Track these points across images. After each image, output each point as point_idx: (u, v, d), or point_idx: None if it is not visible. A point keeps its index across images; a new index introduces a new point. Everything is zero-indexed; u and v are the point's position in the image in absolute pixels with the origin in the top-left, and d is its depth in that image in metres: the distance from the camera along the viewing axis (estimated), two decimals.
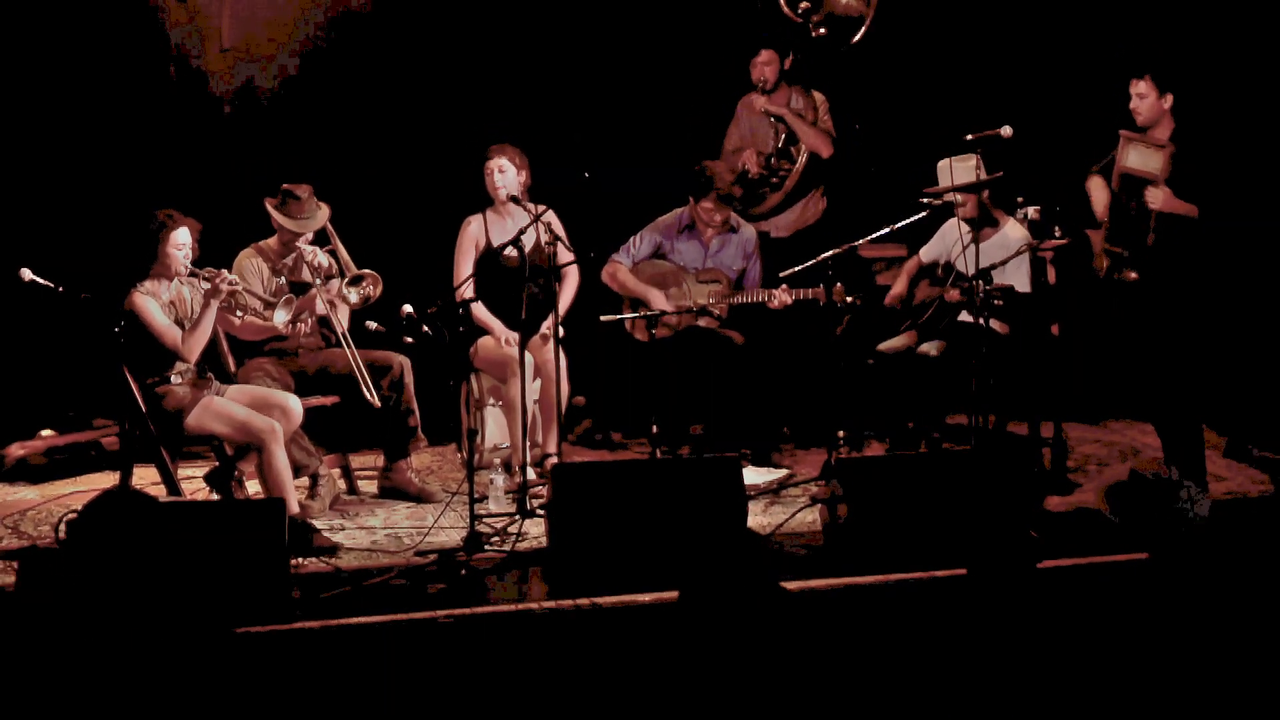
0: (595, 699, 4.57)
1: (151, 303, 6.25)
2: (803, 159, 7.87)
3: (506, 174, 7.08)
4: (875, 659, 4.80)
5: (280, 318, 6.44)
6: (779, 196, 7.93)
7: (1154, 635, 4.82)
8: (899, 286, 7.32)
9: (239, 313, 6.54)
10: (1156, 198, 6.24)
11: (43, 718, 4.53)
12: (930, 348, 6.99)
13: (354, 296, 6.71)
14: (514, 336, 6.97)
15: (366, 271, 6.71)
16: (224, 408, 6.25)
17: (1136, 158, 6.33)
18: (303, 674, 4.80)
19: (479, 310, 7.00)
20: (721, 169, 7.58)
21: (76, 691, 4.62)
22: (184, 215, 6.32)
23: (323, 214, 6.76)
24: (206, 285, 6.29)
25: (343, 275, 6.76)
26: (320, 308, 6.68)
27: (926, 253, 7.29)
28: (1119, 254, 6.38)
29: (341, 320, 6.68)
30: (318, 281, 6.67)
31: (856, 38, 7.68)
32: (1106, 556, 5.54)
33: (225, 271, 6.39)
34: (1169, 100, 6.29)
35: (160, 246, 6.24)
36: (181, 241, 6.28)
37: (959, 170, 6.82)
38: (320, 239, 6.84)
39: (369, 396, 6.56)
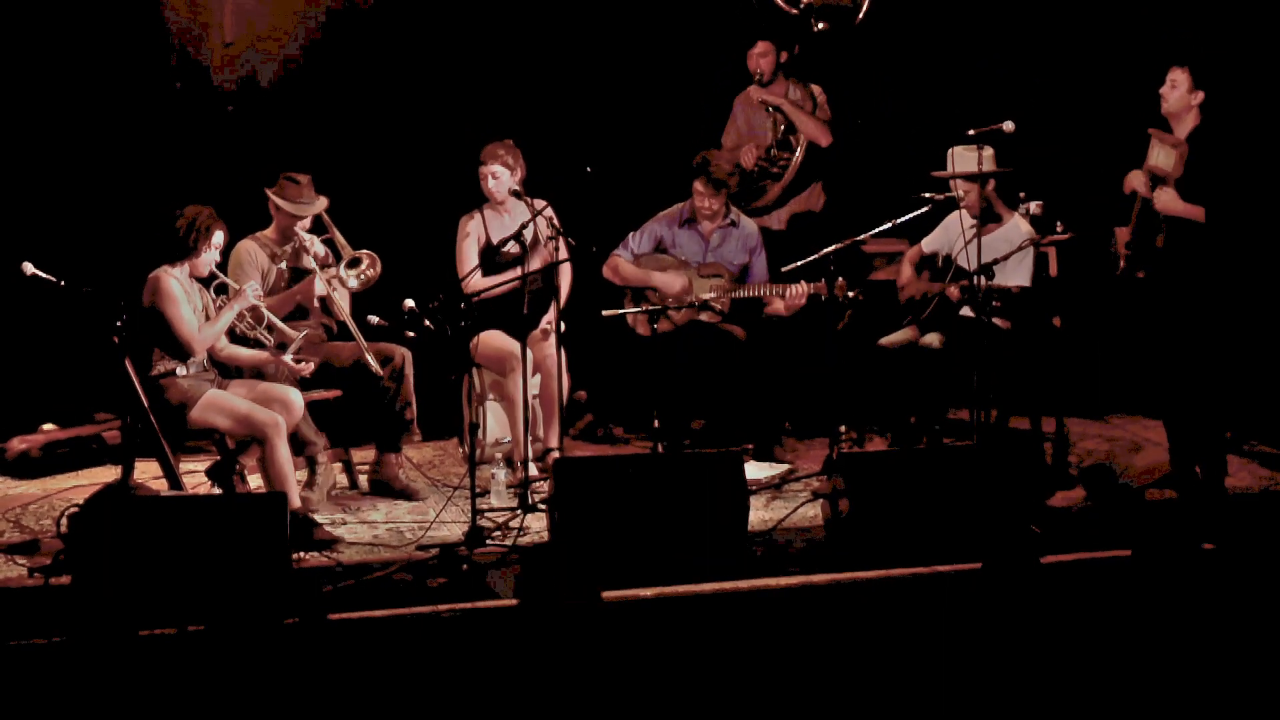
0: (596, 695, 4.57)
1: (178, 287, 6.26)
2: (801, 150, 7.87)
3: (500, 179, 7.08)
4: (876, 654, 4.81)
5: (290, 352, 6.44)
6: (779, 189, 7.93)
7: (1154, 631, 4.83)
8: (906, 275, 7.30)
9: (253, 329, 6.51)
10: (1160, 199, 6.23)
11: (40, 715, 4.54)
12: (932, 341, 6.98)
13: (353, 281, 6.73)
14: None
15: (363, 252, 6.73)
16: (226, 401, 6.25)
17: (1158, 155, 6.34)
18: (303, 669, 4.80)
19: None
20: (720, 157, 7.57)
21: (76, 687, 4.63)
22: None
23: (321, 201, 6.80)
24: (221, 296, 6.37)
25: (340, 261, 6.77)
26: (320, 288, 6.68)
27: (929, 243, 7.27)
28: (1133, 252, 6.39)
29: (343, 306, 6.69)
30: (317, 268, 6.70)
31: (855, 23, 7.69)
32: (1108, 552, 5.55)
33: (254, 283, 6.45)
34: (1199, 97, 6.27)
35: (200, 243, 6.27)
36: (218, 243, 6.34)
37: (970, 159, 6.78)
38: (317, 229, 6.85)
39: (373, 368, 6.56)
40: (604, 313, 7.23)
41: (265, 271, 6.76)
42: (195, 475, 6.69)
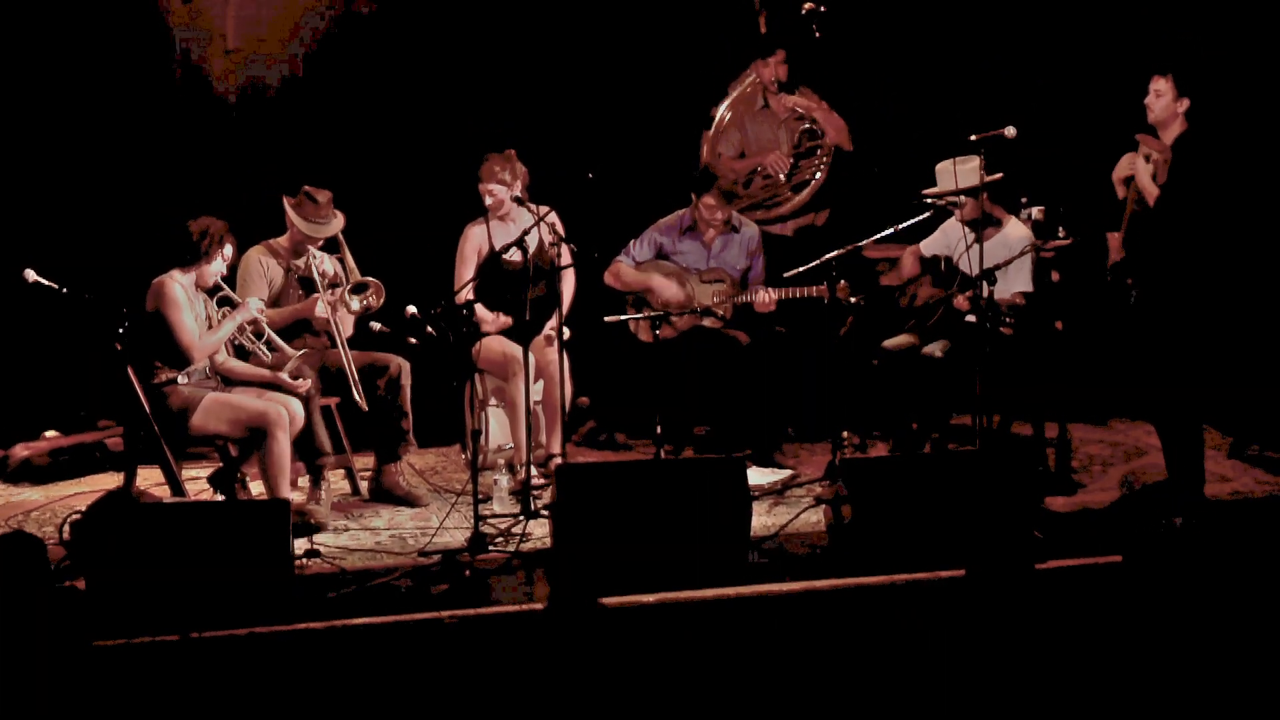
0: (598, 699, 4.57)
1: (182, 293, 6.27)
2: (828, 158, 7.90)
3: (498, 195, 7.03)
4: (879, 659, 4.80)
5: (287, 370, 6.44)
6: (798, 200, 7.95)
7: (1157, 634, 4.82)
8: (909, 267, 7.29)
9: (253, 343, 6.51)
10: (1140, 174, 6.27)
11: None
12: (935, 348, 6.98)
13: (355, 304, 6.74)
14: (504, 322, 6.98)
15: (371, 280, 6.73)
16: (228, 401, 6.26)
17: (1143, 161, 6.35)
18: (307, 674, 4.80)
19: (480, 310, 7.00)
20: (723, 167, 7.57)
21: (79, 690, 4.63)
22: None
23: (337, 222, 6.77)
24: (224, 308, 6.38)
25: (347, 283, 6.77)
26: (322, 310, 6.69)
27: (928, 246, 7.27)
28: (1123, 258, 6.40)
29: (343, 328, 6.70)
30: (321, 288, 6.70)
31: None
32: (1110, 557, 5.54)
33: (257, 299, 6.47)
34: (1184, 104, 6.26)
35: (213, 250, 6.29)
36: (228, 255, 6.36)
37: (961, 172, 6.80)
38: (330, 246, 6.85)
39: (357, 398, 6.58)
40: (606, 318, 7.23)
41: (273, 280, 6.76)
42: (197, 482, 6.70)
